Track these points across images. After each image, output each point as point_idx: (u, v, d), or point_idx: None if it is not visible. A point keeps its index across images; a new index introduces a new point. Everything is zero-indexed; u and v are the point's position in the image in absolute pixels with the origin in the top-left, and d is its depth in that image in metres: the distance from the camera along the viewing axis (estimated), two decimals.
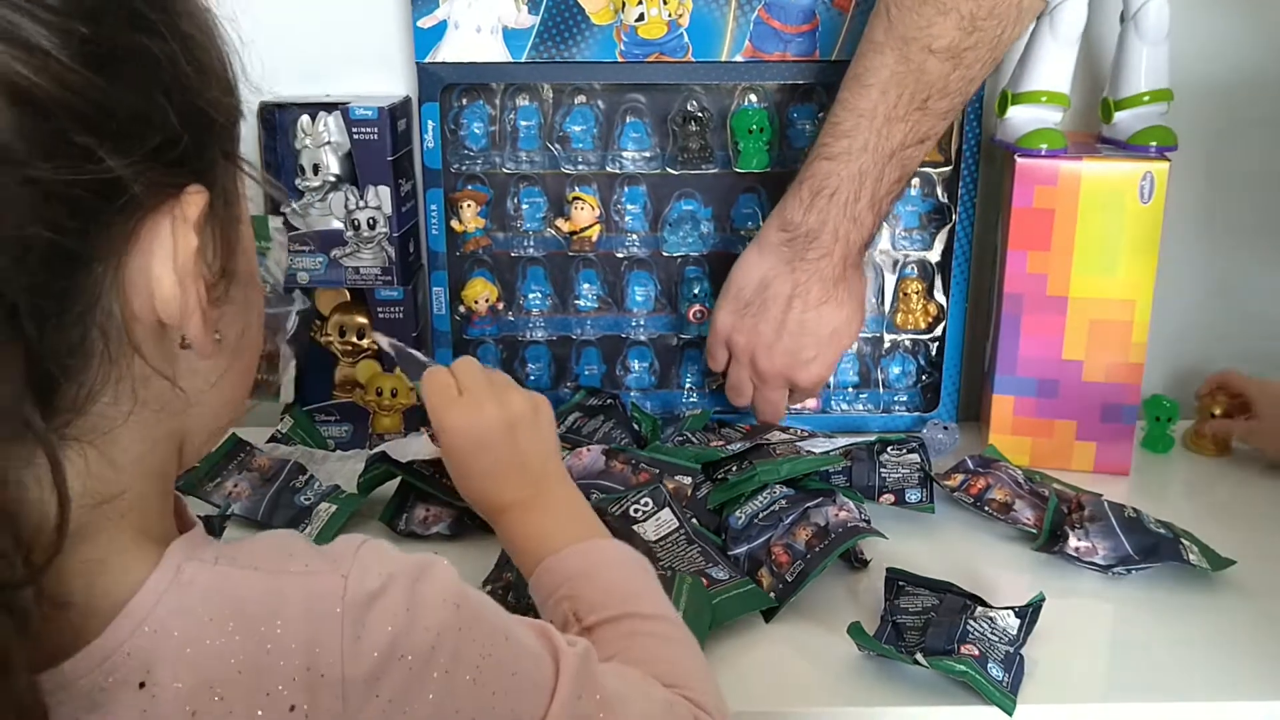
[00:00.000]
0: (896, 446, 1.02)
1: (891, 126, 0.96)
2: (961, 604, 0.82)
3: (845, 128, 0.97)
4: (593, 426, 1.10)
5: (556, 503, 0.77)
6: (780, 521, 0.89)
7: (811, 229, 0.99)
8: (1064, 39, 1.02)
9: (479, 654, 0.51)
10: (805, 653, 0.81)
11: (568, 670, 0.55)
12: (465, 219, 1.13)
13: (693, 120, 1.12)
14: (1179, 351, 1.24)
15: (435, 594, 0.50)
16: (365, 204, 1.08)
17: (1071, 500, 0.97)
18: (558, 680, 0.55)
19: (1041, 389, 1.08)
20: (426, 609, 0.49)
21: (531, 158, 1.14)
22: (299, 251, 1.09)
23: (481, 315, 1.16)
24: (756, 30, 1.08)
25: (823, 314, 1.02)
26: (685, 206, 1.16)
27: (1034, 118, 1.05)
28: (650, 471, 0.98)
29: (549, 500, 0.76)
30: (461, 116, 1.13)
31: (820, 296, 1.01)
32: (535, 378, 1.20)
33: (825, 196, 0.98)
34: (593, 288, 1.18)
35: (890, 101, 0.95)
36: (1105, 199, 1.02)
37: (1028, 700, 0.75)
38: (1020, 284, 1.06)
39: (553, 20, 1.07)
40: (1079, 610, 0.87)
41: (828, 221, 0.98)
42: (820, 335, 1.03)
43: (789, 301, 1.02)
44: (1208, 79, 1.15)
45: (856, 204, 0.98)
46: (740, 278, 1.04)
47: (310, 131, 1.07)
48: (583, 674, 0.56)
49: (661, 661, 0.65)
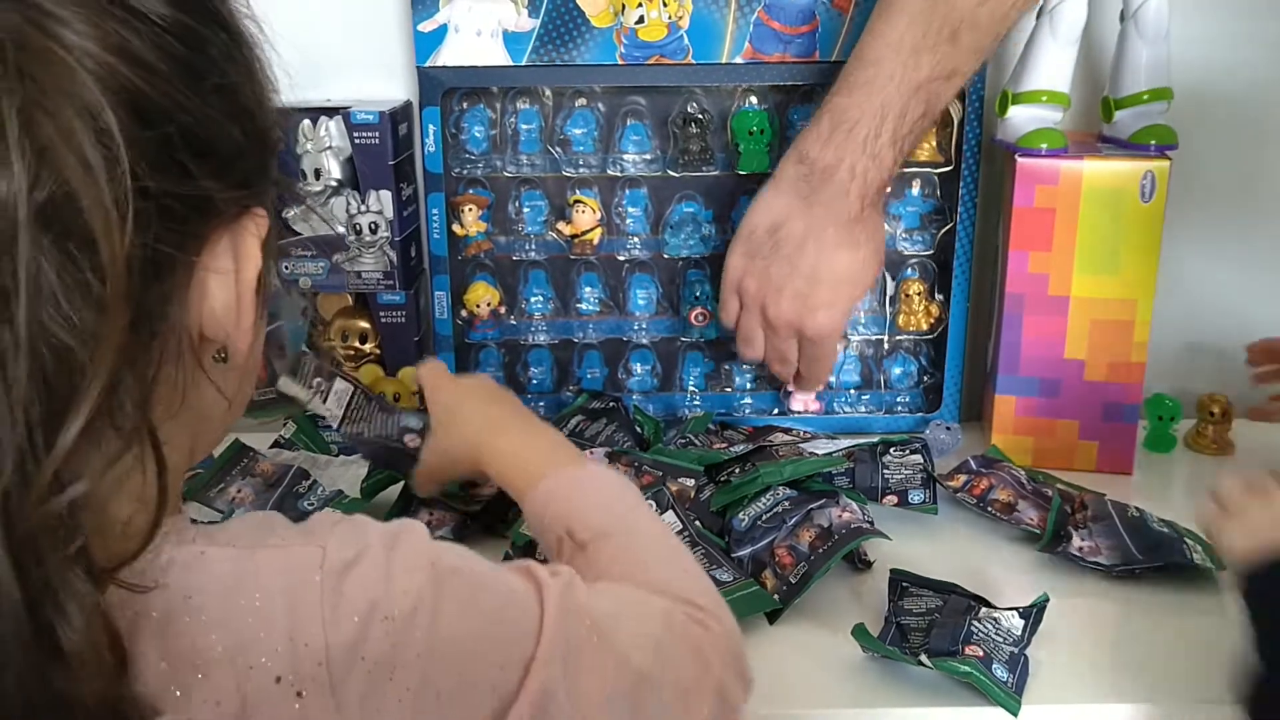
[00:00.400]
0: (899, 447, 1.02)
1: (919, 57, 0.92)
2: (965, 605, 0.82)
3: (870, 57, 0.94)
4: (595, 430, 1.10)
5: (541, 432, 0.82)
6: (783, 523, 0.89)
7: (829, 165, 0.95)
8: (1064, 38, 1.02)
9: (459, 606, 0.52)
10: (809, 654, 0.81)
11: (552, 602, 0.56)
12: (467, 223, 1.13)
13: (693, 122, 1.12)
14: (1181, 351, 1.24)
15: (410, 558, 0.51)
16: (367, 208, 1.08)
17: (1075, 500, 0.97)
18: (544, 614, 0.55)
19: (1043, 389, 1.08)
20: (403, 572, 0.50)
21: (532, 161, 1.14)
22: (301, 256, 1.09)
23: (483, 319, 1.16)
24: (756, 32, 1.08)
25: (837, 257, 0.98)
26: (686, 209, 1.16)
27: (1034, 117, 1.05)
28: (653, 474, 0.98)
29: (534, 429, 0.82)
30: (462, 120, 1.13)
31: (835, 239, 0.97)
32: (537, 381, 1.20)
33: (844, 131, 0.95)
34: (594, 291, 1.18)
35: (918, 31, 0.92)
36: (1106, 198, 1.02)
37: (1032, 701, 0.75)
38: (1022, 284, 1.06)
39: (553, 23, 1.07)
40: (1083, 610, 0.86)
41: (844, 157, 0.95)
42: (833, 279, 0.98)
43: (802, 242, 0.98)
44: (1208, 77, 1.15)
45: (877, 140, 0.94)
46: (754, 218, 1.00)
47: (311, 136, 1.07)
48: (568, 602, 0.56)
49: (655, 568, 0.67)
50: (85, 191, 0.41)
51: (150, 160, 0.43)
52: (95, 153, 0.41)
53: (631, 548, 0.69)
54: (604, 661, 0.57)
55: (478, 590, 0.54)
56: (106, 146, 0.42)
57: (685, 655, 0.61)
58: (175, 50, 0.46)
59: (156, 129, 0.44)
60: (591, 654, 0.56)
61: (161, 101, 0.44)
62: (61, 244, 0.41)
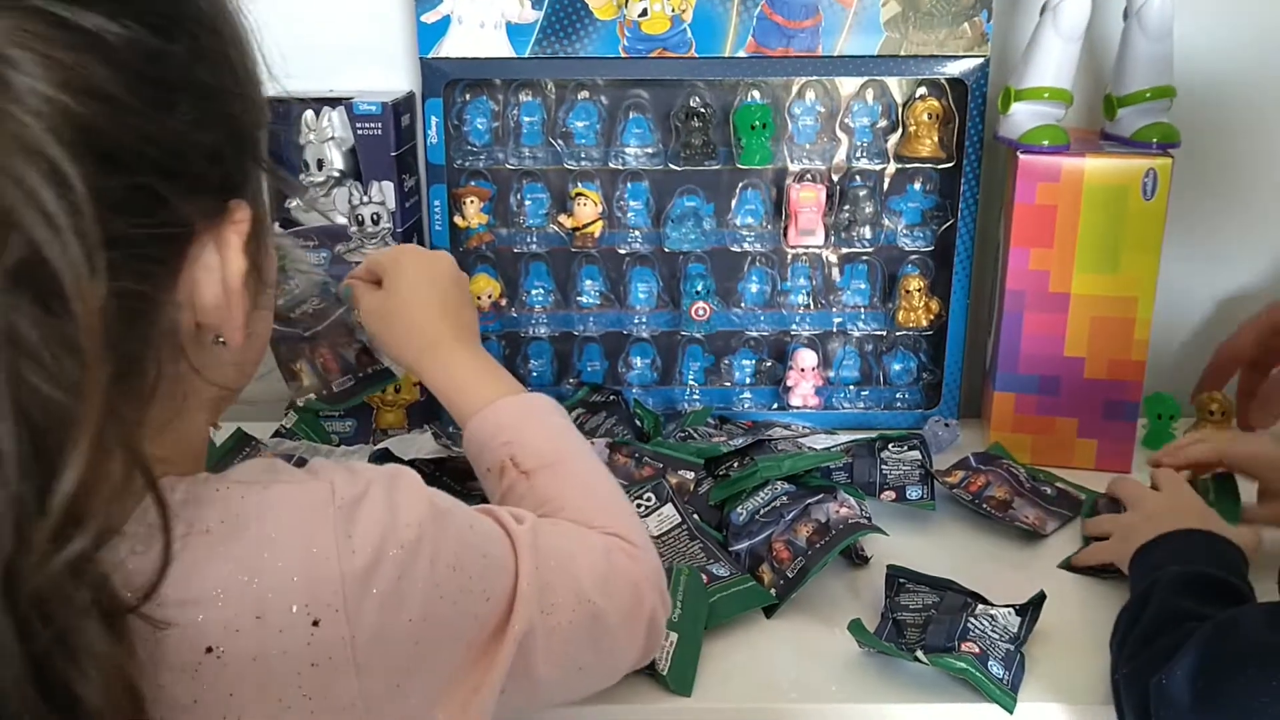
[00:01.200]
0: (898, 443, 1.03)
1: None
2: (962, 601, 0.82)
3: None
4: (595, 423, 1.10)
5: (483, 356, 0.82)
6: (781, 518, 0.90)
7: None
8: (1067, 35, 1.02)
9: (455, 542, 0.56)
10: (806, 649, 0.81)
11: (523, 546, 0.61)
12: (468, 215, 1.13)
13: (695, 116, 1.12)
14: (1181, 349, 1.24)
15: (411, 494, 0.55)
16: (369, 199, 1.08)
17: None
18: (517, 557, 0.60)
19: (1043, 386, 1.08)
20: (406, 507, 0.53)
21: (534, 153, 1.14)
22: (303, 247, 1.09)
23: (484, 311, 1.16)
24: (759, 25, 1.08)
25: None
26: (688, 203, 1.16)
27: (1037, 114, 1.05)
28: (653, 466, 0.98)
29: (477, 351, 0.82)
30: (465, 112, 1.13)
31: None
32: (538, 374, 1.20)
33: None
34: (595, 284, 1.18)
35: None
36: (1108, 195, 1.02)
37: (1028, 698, 0.75)
38: (1022, 280, 1.06)
39: (556, 15, 1.07)
40: (1080, 608, 0.87)
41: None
42: None
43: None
44: (1212, 75, 1.15)
45: None
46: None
47: (314, 127, 1.07)
48: (536, 546, 0.62)
49: (591, 503, 0.72)
50: (52, 251, 0.40)
51: (117, 203, 0.43)
52: (60, 208, 0.40)
53: (572, 481, 0.73)
54: (568, 598, 0.62)
55: (464, 529, 0.57)
56: (70, 201, 0.41)
57: (625, 588, 0.67)
58: (135, 68, 0.44)
59: (121, 169, 0.43)
60: (558, 592, 0.62)
61: (124, 137, 0.43)
62: (38, 301, 0.40)
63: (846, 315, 1.18)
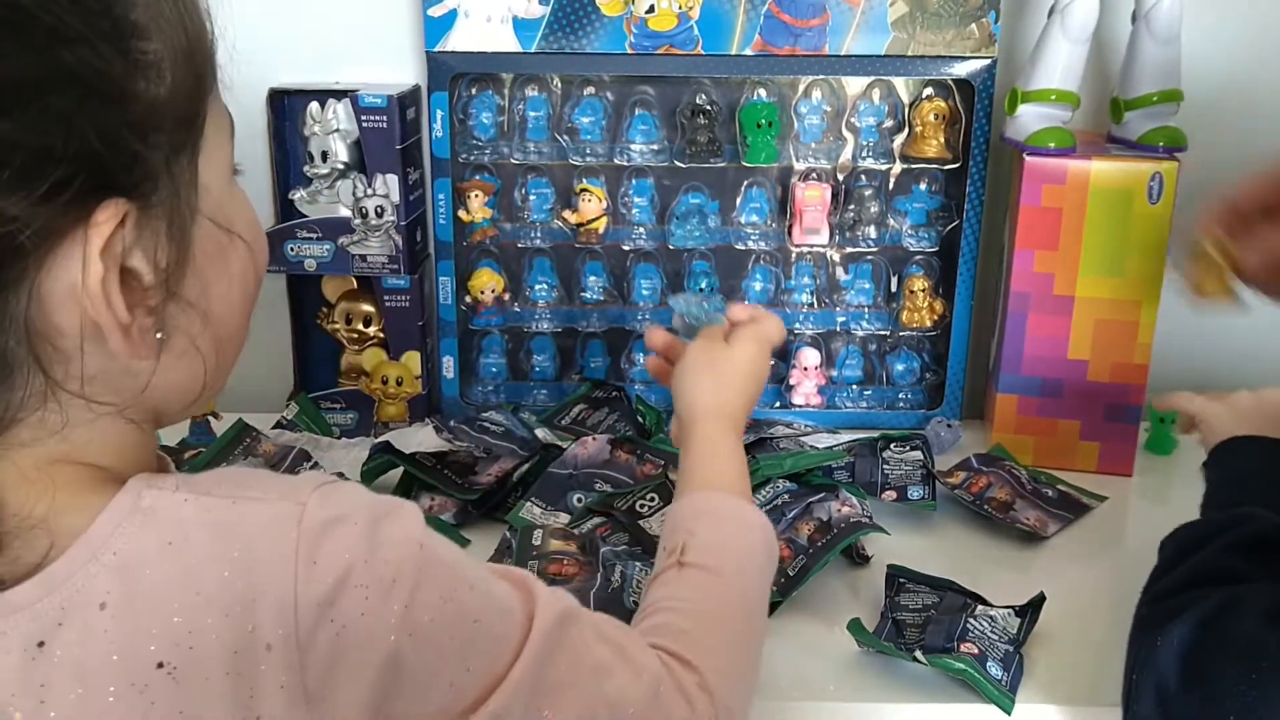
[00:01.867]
0: (900, 443, 1.03)
1: None
2: (962, 602, 0.82)
3: None
4: (597, 419, 1.10)
5: (738, 450, 0.77)
6: (783, 516, 0.90)
7: None
8: (1074, 37, 1.02)
9: (439, 596, 0.50)
10: (805, 647, 0.81)
11: (541, 628, 0.54)
12: (473, 209, 1.13)
13: (701, 113, 1.11)
14: (1184, 353, 1.23)
15: (398, 532, 0.50)
16: (373, 192, 1.08)
17: None
18: (528, 636, 0.54)
19: (1046, 388, 1.08)
20: (388, 544, 0.49)
21: (540, 149, 1.13)
22: (307, 239, 1.09)
23: (487, 305, 1.16)
24: (767, 24, 1.07)
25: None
26: (692, 200, 1.16)
27: (1043, 116, 1.05)
28: (655, 462, 0.98)
29: (736, 441, 0.77)
30: (470, 106, 1.13)
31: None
32: (540, 369, 1.20)
33: None
34: (599, 280, 1.18)
35: None
36: (1114, 199, 1.02)
37: (1027, 700, 0.75)
38: (1027, 283, 1.06)
39: (563, 11, 1.07)
40: (1080, 610, 0.86)
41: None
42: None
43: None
44: (1218, 79, 1.15)
45: None
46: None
47: (319, 118, 1.07)
48: (557, 634, 0.55)
49: (711, 625, 0.64)
50: None
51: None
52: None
53: (716, 596, 0.66)
54: (574, 711, 0.55)
55: (460, 587, 0.52)
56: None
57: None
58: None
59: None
60: (563, 697, 0.55)
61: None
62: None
63: (850, 315, 1.18)
